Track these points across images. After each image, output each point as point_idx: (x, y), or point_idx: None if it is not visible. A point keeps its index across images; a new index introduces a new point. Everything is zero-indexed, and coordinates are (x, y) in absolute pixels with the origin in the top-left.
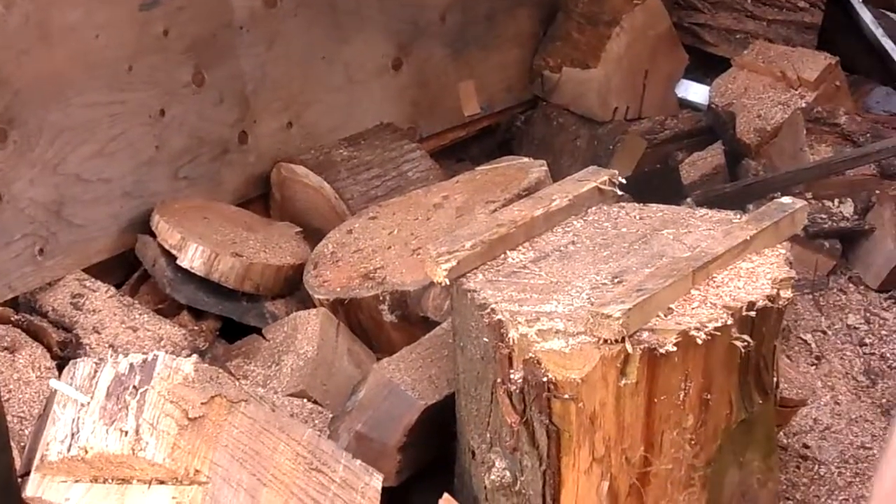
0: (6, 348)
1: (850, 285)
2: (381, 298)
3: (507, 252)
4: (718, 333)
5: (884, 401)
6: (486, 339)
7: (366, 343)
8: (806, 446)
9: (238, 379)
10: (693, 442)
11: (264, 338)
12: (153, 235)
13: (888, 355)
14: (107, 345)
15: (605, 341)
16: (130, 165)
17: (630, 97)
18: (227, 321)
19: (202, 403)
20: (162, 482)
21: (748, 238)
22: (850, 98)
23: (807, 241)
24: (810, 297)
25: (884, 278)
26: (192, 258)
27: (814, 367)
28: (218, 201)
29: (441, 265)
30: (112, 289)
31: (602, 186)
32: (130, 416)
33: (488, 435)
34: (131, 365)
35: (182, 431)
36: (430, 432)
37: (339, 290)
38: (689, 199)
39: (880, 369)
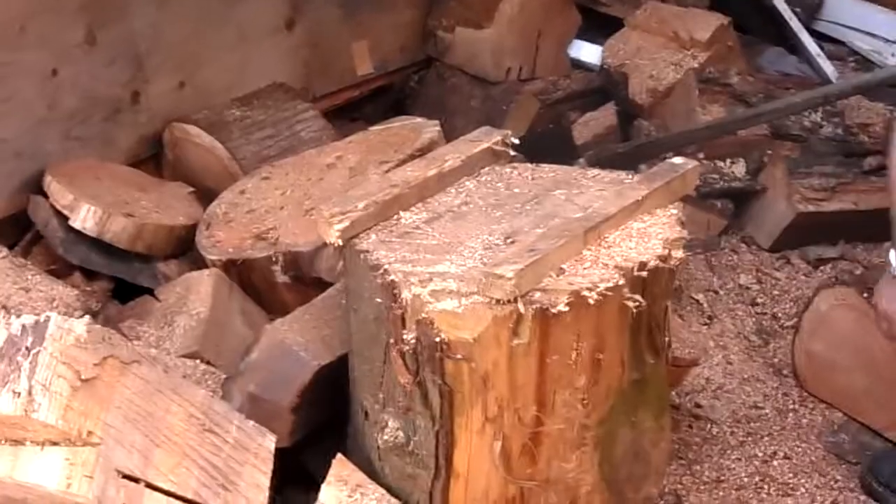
0: None
1: (742, 245)
2: (273, 259)
3: (401, 213)
4: (610, 294)
5: (775, 360)
6: (379, 300)
7: (259, 304)
8: (698, 406)
9: (131, 340)
10: (585, 402)
11: (157, 299)
12: (45, 196)
13: (780, 315)
14: None
15: (498, 302)
16: (22, 126)
17: (523, 58)
18: (119, 282)
19: (94, 364)
20: (55, 443)
21: (640, 198)
22: (742, 58)
23: (699, 202)
24: (702, 257)
25: (775, 238)
26: (84, 219)
27: (706, 326)
28: (110, 162)
29: (334, 226)
30: (4, 249)
31: (495, 147)
32: (23, 378)
33: (381, 395)
34: (23, 326)
35: (75, 393)
36: (323, 393)
37: (231, 250)
38: (581, 160)
39: (772, 329)
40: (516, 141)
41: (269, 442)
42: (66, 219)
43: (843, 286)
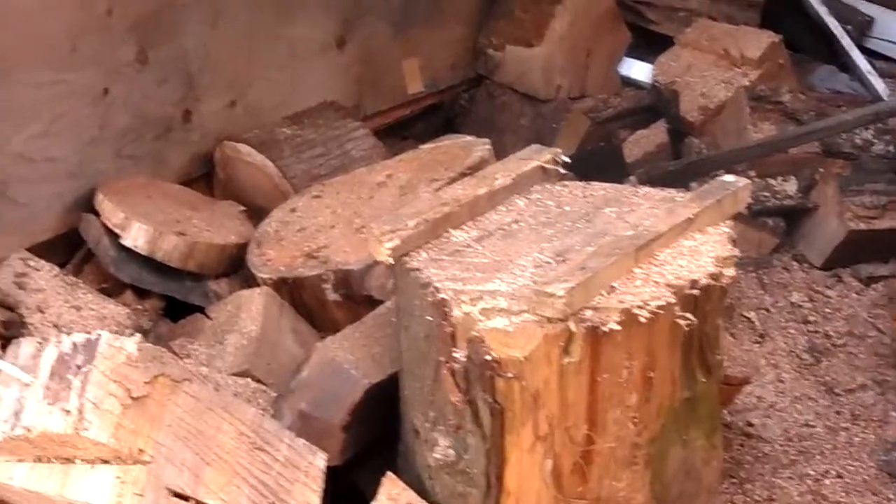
0: None
1: (794, 263)
2: (324, 277)
3: (451, 231)
4: (661, 312)
5: (827, 378)
6: (429, 318)
7: (309, 322)
8: (750, 424)
9: (181, 358)
10: (636, 420)
11: (208, 317)
12: (97, 214)
13: (831, 333)
14: (50, 324)
15: (549, 320)
16: (74, 145)
17: (573, 76)
18: (170, 300)
19: (145, 383)
20: (105, 462)
21: (691, 216)
22: (793, 76)
23: (750, 219)
24: (754, 274)
25: (827, 256)
26: (136, 237)
27: (757, 344)
28: (161, 180)
29: (384, 244)
30: (56, 268)
31: (545, 165)
32: (74, 396)
33: (432, 413)
34: (75, 344)
35: (125, 411)
36: (373, 411)
37: (282, 268)
38: (632, 178)
39: (824, 347)
40: (567, 159)
41: (320, 460)
42: (117, 237)
43: None
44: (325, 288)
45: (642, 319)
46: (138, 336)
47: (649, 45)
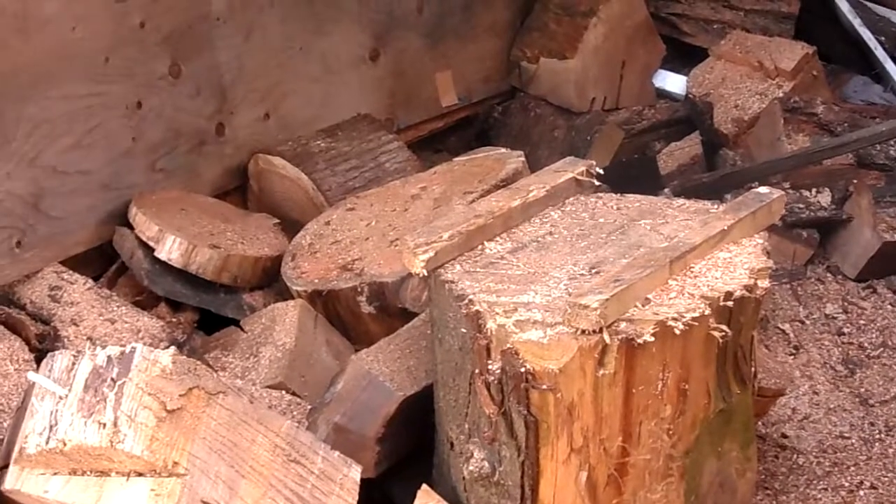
0: None
1: (828, 275)
2: (359, 290)
3: (485, 243)
4: (696, 324)
5: (862, 390)
6: (464, 330)
7: (344, 334)
8: (784, 436)
9: (216, 371)
10: (671, 432)
11: (242, 329)
12: (131, 227)
13: (866, 345)
14: (85, 337)
15: (583, 332)
16: (108, 157)
17: (607, 88)
18: (204, 313)
19: (180, 395)
20: (140, 474)
21: (725, 228)
22: (827, 87)
23: (784, 231)
24: (788, 286)
25: (861, 267)
26: (170, 250)
27: (792, 356)
28: (195, 193)
29: (419, 256)
30: (90, 281)
31: (579, 177)
32: (108, 409)
33: (467, 426)
34: (109, 357)
35: (160, 423)
36: (408, 423)
37: (316, 281)
38: (666, 190)
39: (858, 359)
40: (601, 171)
41: (355, 472)
42: (151, 250)
43: None
44: (360, 300)
45: (677, 331)
46: (173, 349)
47: (683, 57)
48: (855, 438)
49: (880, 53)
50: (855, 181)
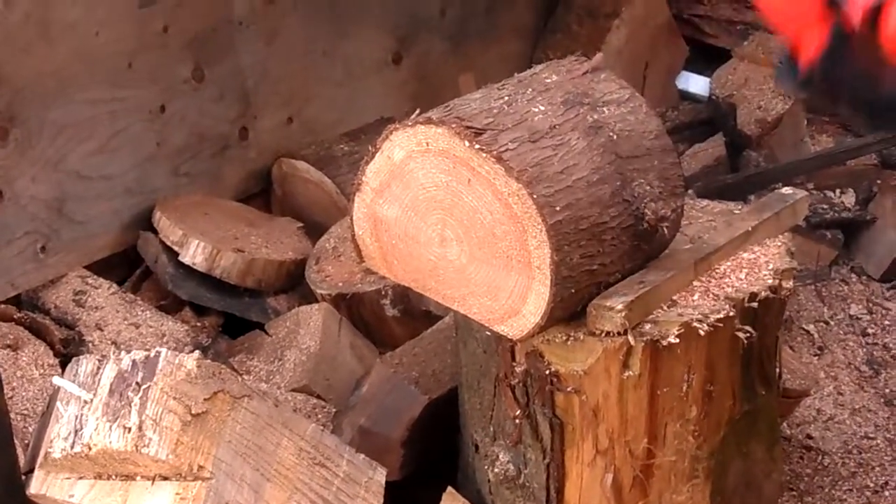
0: (9, 346)
1: (853, 275)
2: (383, 293)
3: None
4: (721, 325)
5: (887, 391)
6: (488, 333)
7: (368, 338)
8: (809, 437)
9: (241, 374)
10: (696, 433)
11: (267, 333)
12: (155, 232)
13: (891, 345)
14: (109, 342)
15: (608, 334)
16: (131, 162)
17: None
18: (229, 317)
19: (205, 399)
20: (165, 478)
21: (750, 229)
22: None
23: (808, 232)
24: (812, 287)
25: (886, 268)
26: (194, 254)
27: (816, 357)
28: (219, 197)
29: None
30: (114, 286)
31: None
32: (133, 413)
33: (492, 428)
34: (134, 361)
35: (185, 427)
36: (433, 427)
37: (341, 284)
38: (690, 191)
39: (883, 359)
40: None
41: (380, 475)
42: (175, 254)
43: None
44: (384, 304)
45: (702, 333)
46: (197, 353)
47: (707, 58)
48: (880, 439)
49: None
50: (879, 181)
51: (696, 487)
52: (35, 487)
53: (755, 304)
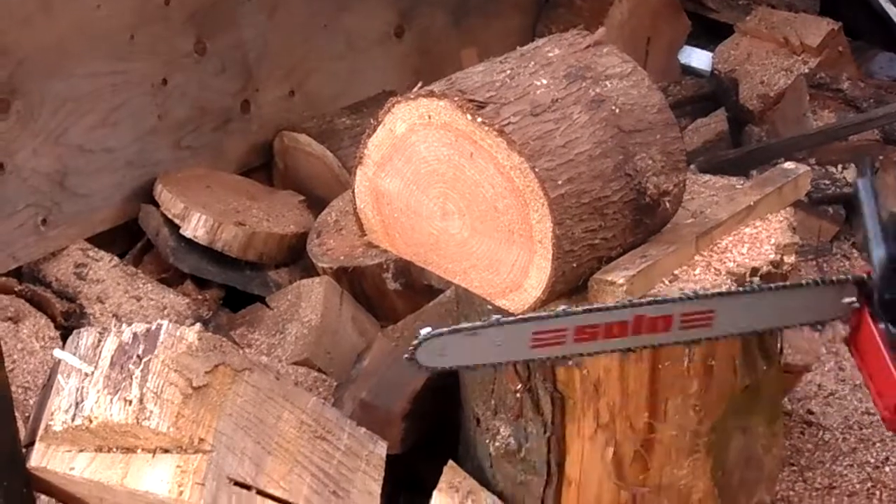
0: (10, 318)
1: (854, 251)
2: (384, 266)
3: None
4: None
5: None
6: (489, 307)
7: (369, 311)
8: (810, 412)
9: (242, 348)
10: (697, 408)
11: (268, 306)
12: (156, 205)
13: None
14: (110, 314)
15: None
16: (133, 135)
17: None
18: (230, 290)
19: (206, 372)
20: (166, 451)
21: (751, 204)
22: (853, 64)
23: (810, 207)
24: (814, 262)
25: None
26: (196, 227)
27: (818, 332)
28: (221, 170)
29: None
30: (115, 258)
31: None
32: (134, 386)
33: (493, 402)
34: (135, 334)
35: (186, 400)
36: (434, 400)
37: (342, 258)
38: (692, 166)
39: None
40: None
41: (381, 449)
42: (177, 227)
43: None
44: (386, 277)
45: None
46: (199, 325)
47: (709, 33)
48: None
49: None
50: (881, 157)
51: (696, 462)
52: (35, 460)
53: (757, 279)
